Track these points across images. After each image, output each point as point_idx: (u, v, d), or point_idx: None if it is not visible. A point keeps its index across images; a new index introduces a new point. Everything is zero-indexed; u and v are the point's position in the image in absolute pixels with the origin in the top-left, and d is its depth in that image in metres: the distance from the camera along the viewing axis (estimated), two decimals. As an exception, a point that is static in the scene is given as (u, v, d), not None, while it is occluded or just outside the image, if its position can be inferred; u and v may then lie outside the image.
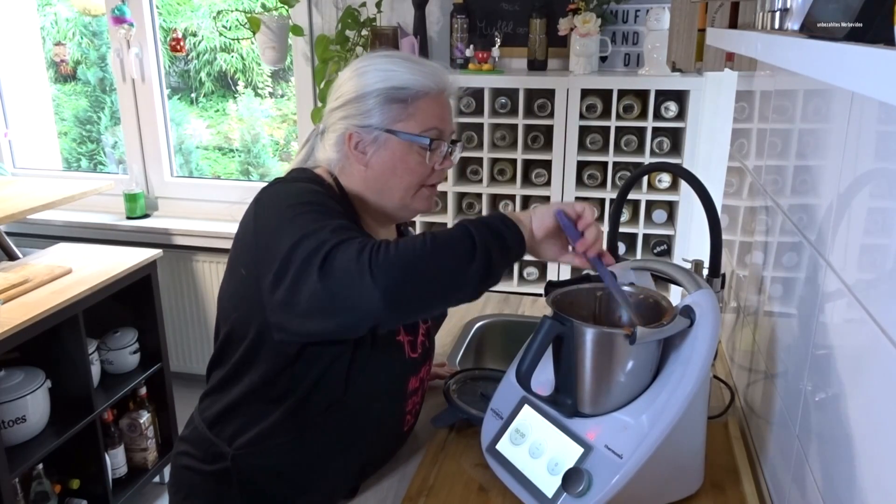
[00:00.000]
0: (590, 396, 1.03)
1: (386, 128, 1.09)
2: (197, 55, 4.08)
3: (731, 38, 1.16)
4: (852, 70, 0.51)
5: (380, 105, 1.09)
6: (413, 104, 1.09)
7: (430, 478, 1.14)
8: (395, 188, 1.12)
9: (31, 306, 1.97)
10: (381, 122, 1.09)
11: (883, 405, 0.66)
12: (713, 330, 1.00)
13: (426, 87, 1.10)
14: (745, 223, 1.42)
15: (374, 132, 1.09)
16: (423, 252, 0.92)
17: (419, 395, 1.23)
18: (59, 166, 3.64)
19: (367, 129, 1.09)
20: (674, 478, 1.04)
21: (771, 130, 1.25)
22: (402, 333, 1.14)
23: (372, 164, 1.11)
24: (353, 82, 1.11)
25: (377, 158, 1.10)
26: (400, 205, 1.14)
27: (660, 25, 2.25)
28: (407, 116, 1.09)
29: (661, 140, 2.29)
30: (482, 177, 2.44)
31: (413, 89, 1.09)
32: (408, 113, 1.09)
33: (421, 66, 1.11)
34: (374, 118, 1.09)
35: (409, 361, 1.16)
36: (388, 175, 1.11)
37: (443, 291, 0.95)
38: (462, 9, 2.49)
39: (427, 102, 1.10)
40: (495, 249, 0.95)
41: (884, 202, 0.69)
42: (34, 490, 2.10)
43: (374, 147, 1.10)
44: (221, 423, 1.13)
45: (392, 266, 0.89)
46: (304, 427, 1.09)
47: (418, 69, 1.10)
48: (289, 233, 0.96)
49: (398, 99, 1.09)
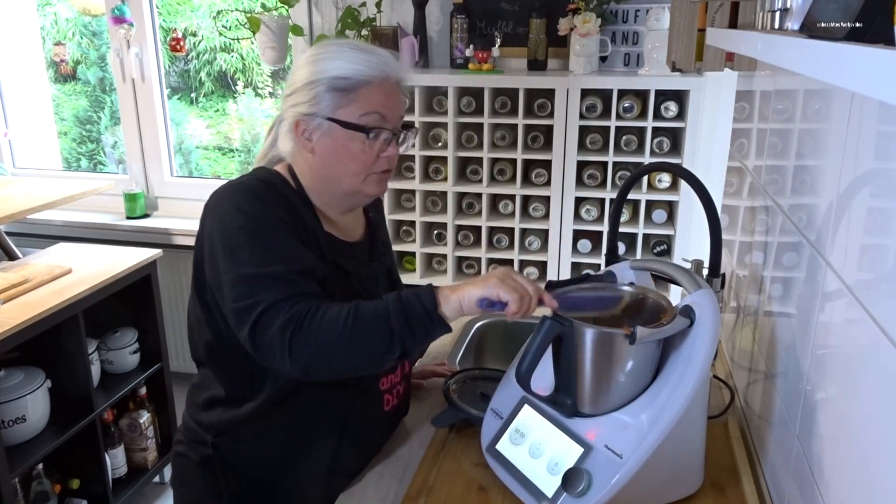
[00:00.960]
0: (590, 396, 1.03)
1: (328, 116, 1.12)
2: (197, 55, 4.08)
3: (731, 38, 1.16)
4: (852, 70, 0.51)
5: (323, 93, 1.11)
6: (354, 92, 1.11)
7: (430, 478, 1.14)
8: (340, 175, 1.15)
9: (31, 306, 1.97)
10: (324, 110, 1.12)
11: (883, 405, 0.66)
12: (713, 330, 1.00)
13: (368, 75, 1.11)
14: (745, 223, 1.42)
15: (318, 120, 1.12)
16: (341, 336, 0.99)
17: (398, 375, 1.25)
18: (59, 166, 3.64)
19: (312, 117, 1.12)
20: (674, 478, 1.04)
21: (771, 130, 1.25)
22: None
23: (317, 151, 1.14)
24: (303, 71, 1.14)
25: (321, 146, 1.13)
26: (350, 191, 1.17)
27: (660, 25, 2.25)
28: (348, 103, 1.11)
29: (661, 140, 2.29)
30: (482, 177, 2.44)
31: (354, 78, 1.11)
32: (349, 100, 1.11)
33: (366, 55, 1.13)
34: (318, 106, 1.11)
35: None
36: (332, 162, 1.14)
37: (356, 370, 1.08)
38: (462, 9, 2.49)
39: (368, 90, 1.12)
40: (410, 341, 1.01)
41: (884, 202, 0.69)
42: (34, 490, 2.10)
43: (318, 134, 1.13)
44: (203, 412, 1.21)
45: (310, 347, 1.00)
46: (275, 411, 1.15)
47: (362, 58, 1.12)
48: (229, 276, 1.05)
49: (340, 87, 1.11)
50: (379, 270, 1.27)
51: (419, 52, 2.51)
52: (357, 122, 1.12)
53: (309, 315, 1.00)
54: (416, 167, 2.47)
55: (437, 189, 2.49)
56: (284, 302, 1.01)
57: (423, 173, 2.51)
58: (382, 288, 1.25)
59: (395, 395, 1.25)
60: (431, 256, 2.63)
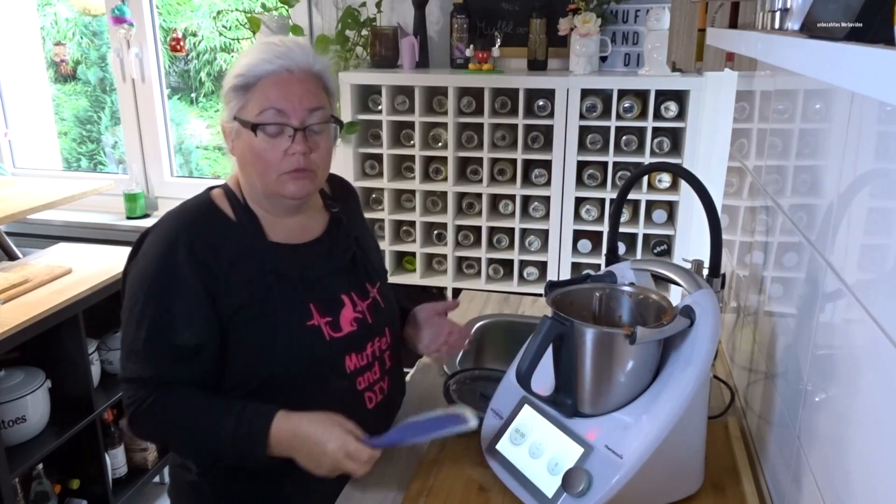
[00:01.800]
0: (590, 396, 1.03)
1: (234, 117, 1.10)
2: (197, 55, 4.08)
3: (731, 38, 1.16)
4: (852, 70, 0.51)
5: (229, 94, 1.10)
6: (252, 89, 1.08)
7: (430, 478, 1.14)
8: (255, 176, 1.12)
9: (31, 306, 1.97)
10: (231, 111, 1.10)
11: (883, 405, 0.66)
12: (713, 330, 1.00)
13: (262, 70, 1.07)
14: (745, 223, 1.42)
15: (231, 123, 1.11)
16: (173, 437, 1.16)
17: (377, 372, 1.22)
18: (59, 166, 3.64)
19: (227, 121, 1.12)
20: (674, 478, 1.04)
21: (771, 130, 1.25)
22: (316, 317, 1.15)
23: (236, 154, 1.14)
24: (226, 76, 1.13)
25: (237, 149, 1.13)
26: (268, 192, 1.13)
27: (660, 25, 2.25)
28: (246, 102, 1.09)
29: (661, 140, 2.29)
30: (482, 177, 2.44)
31: (249, 74, 1.08)
32: (247, 98, 1.08)
33: (266, 47, 1.09)
34: (227, 108, 1.11)
35: (334, 341, 1.15)
36: (246, 163, 1.13)
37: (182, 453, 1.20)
38: (462, 9, 2.49)
39: (264, 84, 1.08)
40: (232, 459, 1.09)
41: (884, 202, 0.69)
42: (34, 490, 2.10)
43: (232, 137, 1.12)
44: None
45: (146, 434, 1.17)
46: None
47: (262, 50, 1.09)
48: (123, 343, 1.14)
49: (239, 86, 1.09)
50: (339, 267, 1.21)
51: (419, 53, 2.51)
52: (253, 121, 1.07)
53: (141, 403, 1.09)
54: (417, 167, 2.47)
55: (437, 189, 2.49)
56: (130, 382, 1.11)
57: (423, 173, 2.51)
58: (347, 283, 1.21)
59: (377, 391, 1.23)
60: (431, 256, 2.63)
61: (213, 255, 1.10)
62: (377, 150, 2.49)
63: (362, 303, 1.21)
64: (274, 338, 1.12)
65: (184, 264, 1.08)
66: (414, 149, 2.45)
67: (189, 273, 1.08)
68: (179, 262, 1.08)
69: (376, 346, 1.22)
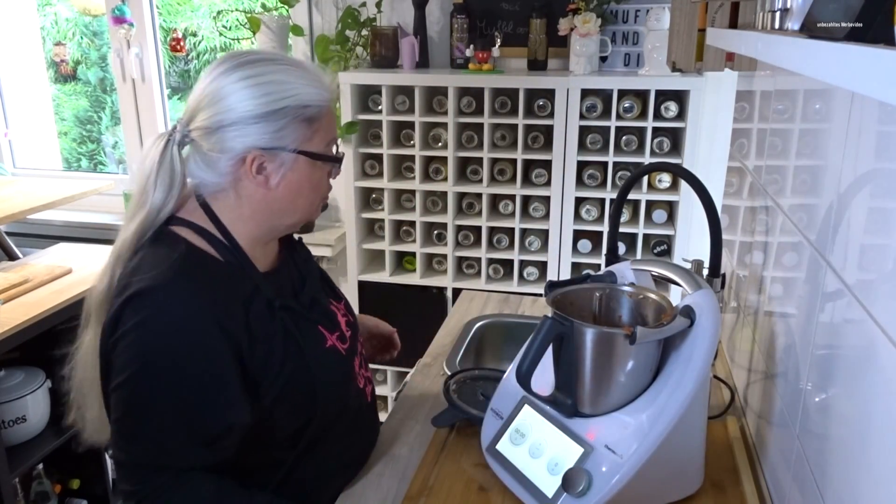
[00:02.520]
0: (590, 396, 1.03)
1: (297, 149, 1.01)
2: (197, 55, 4.08)
3: (731, 38, 1.16)
4: (852, 70, 0.51)
5: (290, 124, 0.99)
6: (316, 121, 1.02)
7: (430, 478, 1.14)
8: (300, 208, 1.06)
9: (31, 306, 1.97)
10: (291, 143, 1.00)
11: (883, 405, 0.66)
12: (713, 330, 1.00)
13: (326, 100, 1.03)
14: (745, 223, 1.42)
15: (283, 154, 1.00)
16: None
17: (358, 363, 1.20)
18: (59, 166, 3.64)
19: (273, 152, 0.99)
20: (674, 478, 1.04)
21: (771, 130, 1.25)
22: (328, 337, 1.11)
23: (279, 186, 1.02)
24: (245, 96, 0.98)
25: (285, 181, 1.02)
26: (298, 222, 1.09)
27: (660, 25, 2.25)
28: (313, 134, 1.02)
29: (661, 140, 2.29)
30: (482, 177, 2.44)
31: (317, 105, 1.01)
32: (313, 130, 1.02)
33: (316, 77, 1.03)
34: (284, 140, 0.99)
35: (346, 356, 1.15)
36: (294, 196, 1.04)
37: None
38: (462, 9, 2.49)
39: (327, 115, 1.04)
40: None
41: (884, 202, 0.69)
42: (34, 490, 2.10)
43: (282, 169, 1.01)
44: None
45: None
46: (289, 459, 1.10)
47: (315, 80, 1.02)
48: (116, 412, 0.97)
49: (306, 117, 1.00)
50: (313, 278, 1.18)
51: (419, 53, 2.51)
52: (325, 153, 1.04)
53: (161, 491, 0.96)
54: (416, 167, 2.47)
55: (437, 189, 2.49)
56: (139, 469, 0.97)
57: (423, 173, 2.51)
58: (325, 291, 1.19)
59: (368, 381, 1.25)
60: (431, 256, 2.63)
61: (227, 310, 0.98)
62: (377, 150, 2.49)
63: (340, 304, 1.22)
64: (308, 372, 1.05)
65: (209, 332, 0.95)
66: (414, 149, 2.45)
67: (215, 342, 0.95)
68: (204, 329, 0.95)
69: (359, 343, 1.25)
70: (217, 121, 0.98)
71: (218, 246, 1.02)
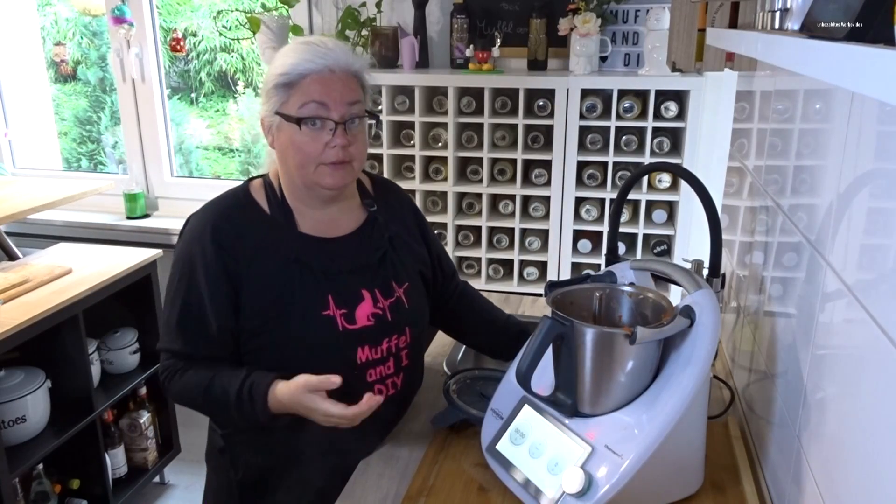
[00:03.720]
0: (590, 396, 1.03)
1: (275, 111, 1.17)
2: (197, 55, 4.08)
3: (731, 38, 1.16)
4: (852, 70, 0.51)
5: (271, 90, 1.17)
6: (295, 86, 1.15)
7: (430, 478, 1.14)
8: (293, 167, 1.19)
9: (31, 306, 1.97)
10: (273, 106, 1.18)
11: (883, 405, 0.66)
12: (713, 330, 1.00)
13: (306, 68, 1.15)
14: (745, 223, 1.42)
15: (272, 117, 1.18)
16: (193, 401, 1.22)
17: (391, 366, 1.25)
18: (59, 166, 3.63)
19: (268, 116, 1.19)
20: (674, 478, 1.04)
21: (771, 130, 1.25)
22: (332, 307, 1.20)
23: (277, 147, 1.21)
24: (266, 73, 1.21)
25: (278, 141, 1.20)
26: (306, 183, 1.20)
27: (660, 25, 2.25)
28: (288, 97, 1.16)
29: (661, 140, 2.29)
30: (482, 177, 2.44)
31: (294, 73, 1.15)
32: (289, 94, 1.16)
33: (308, 48, 1.17)
34: (269, 103, 1.18)
35: (347, 333, 1.19)
36: (286, 155, 1.20)
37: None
38: (462, 9, 2.49)
39: (308, 82, 1.15)
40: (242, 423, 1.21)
41: (884, 202, 0.69)
42: (34, 490, 2.10)
43: (273, 130, 1.20)
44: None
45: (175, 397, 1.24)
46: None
47: (304, 50, 1.16)
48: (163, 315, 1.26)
49: (283, 84, 1.16)
50: (366, 264, 1.26)
51: (419, 53, 2.51)
52: (296, 115, 1.15)
53: (173, 373, 1.21)
54: (416, 167, 2.47)
55: (437, 189, 2.49)
56: (165, 352, 1.23)
57: (423, 173, 2.51)
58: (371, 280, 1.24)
59: (389, 385, 1.25)
60: (431, 256, 2.63)
61: (239, 243, 1.20)
62: (377, 150, 2.49)
63: (384, 300, 1.25)
64: (289, 323, 1.19)
65: (209, 249, 1.18)
66: (414, 149, 2.45)
67: (212, 258, 1.18)
68: (205, 246, 1.19)
69: (393, 343, 1.25)
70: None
71: (272, 199, 1.24)
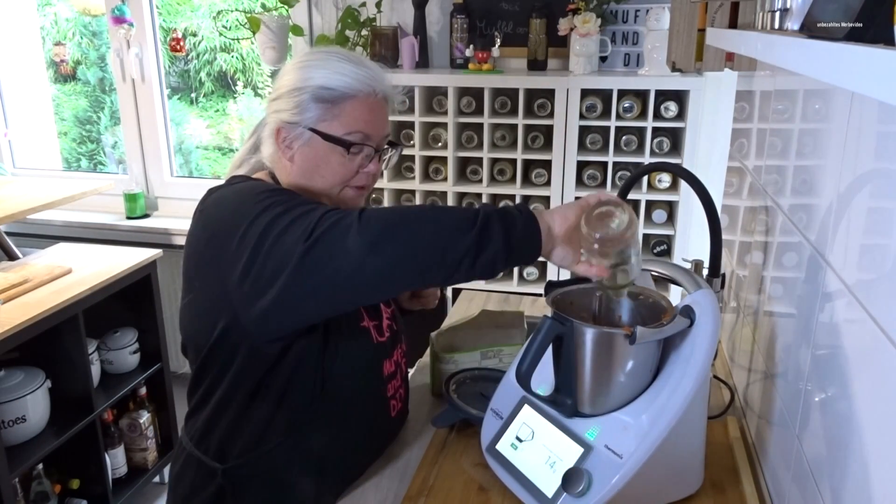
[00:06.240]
0: (590, 396, 1.03)
1: (310, 126, 1.09)
2: (197, 55, 4.08)
3: (731, 38, 1.16)
4: (852, 70, 0.51)
5: (308, 102, 1.08)
6: (339, 105, 1.09)
7: (430, 478, 1.14)
8: (318, 186, 1.12)
9: (31, 306, 1.97)
10: (307, 120, 1.09)
11: (883, 405, 0.66)
12: (713, 330, 1.00)
13: (354, 89, 1.09)
14: (745, 223, 1.42)
15: (299, 129, 1.09)
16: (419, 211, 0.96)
17: (399, 379, 1.25)
18: (59, 166, 3.64)
19: (293, 126, 1.09)
20: (674, 478, 1.04)
21: (771, 130, 1.25)
22: (366, 319, 1.17)
23: (296, 160, 1.11)
24: (288, 76, 1.11)
25: (301, 155, 1.11)
26: (330, 200, 1.14)
27: (660, 25, 2.25)
28: (332, 117, 1.09)
29: (661, 140, 2.29)
30: (482, 177, 2.44)
31: (340, 90, 1.08)
32: (333, 114, 1.09)
33: (355, 67, 1.10)
34: (302, 115, 1.09)
35: (378, 345, 1.18)
36: (311, 172, 1.11)
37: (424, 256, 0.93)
38: (462, 9, 2.49)
39: (354, 105, 1.09)
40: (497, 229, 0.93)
41: (884, 202, 0.69)
42: (34, 490, 2.10)
43: (298, 143, 1.10)
44: (207, 438, 1.13)
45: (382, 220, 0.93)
46: (290, 427, 1.10)
47: (351, 70, 1.09)
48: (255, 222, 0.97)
49: (325, 98, 1.08)
50: None
51: (419, 53, 2.51)
52: (340, 137, 1.09)
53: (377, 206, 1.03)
54: (416, 167, 2.47)
55: (437, 189, 2.49)
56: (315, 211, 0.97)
57: (423, 173, 2.51)
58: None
59: (398, 399, 1.25)
60: (431, 256, 2.63)
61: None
62: (377, 150, 2.49)
63: (388, 310, 1.24)
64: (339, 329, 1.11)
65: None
66: (414, 149, 2.45)
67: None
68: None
69: (399, 353, 1.25)
70: (270, 97, 1.15)
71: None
